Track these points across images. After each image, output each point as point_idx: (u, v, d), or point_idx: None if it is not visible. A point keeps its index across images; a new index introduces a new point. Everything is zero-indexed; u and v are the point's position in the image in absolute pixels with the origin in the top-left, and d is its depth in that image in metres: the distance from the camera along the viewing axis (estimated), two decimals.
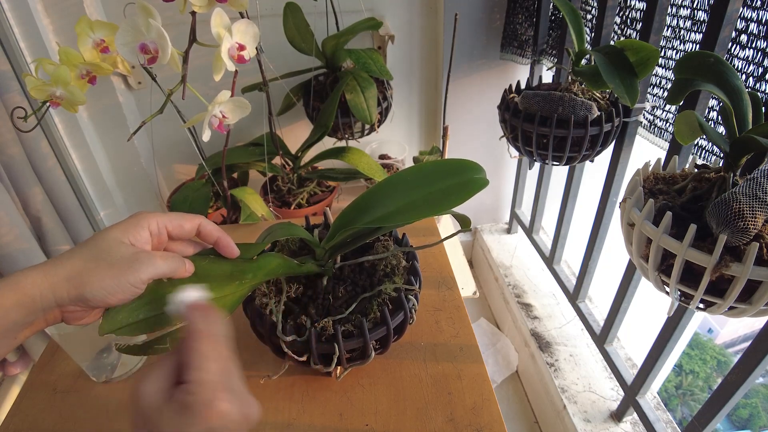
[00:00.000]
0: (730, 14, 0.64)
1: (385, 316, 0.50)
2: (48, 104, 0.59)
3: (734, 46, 0.66)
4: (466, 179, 0.50)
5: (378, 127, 1.21)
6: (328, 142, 1.23)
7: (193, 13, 0.53)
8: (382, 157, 1.47)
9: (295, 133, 1.42)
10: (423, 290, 0.70)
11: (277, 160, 1.21)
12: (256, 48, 0.60)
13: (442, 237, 0.81)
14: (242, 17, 0.61)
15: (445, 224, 1.42)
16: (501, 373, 1.39)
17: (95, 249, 0.38)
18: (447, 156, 1.31)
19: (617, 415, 1.05)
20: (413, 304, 0.54)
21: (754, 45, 0.63)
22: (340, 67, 1.19)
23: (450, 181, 0.51)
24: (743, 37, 0.65)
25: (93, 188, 1.34)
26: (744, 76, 0.65)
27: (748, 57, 0.64)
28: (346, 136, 1.22)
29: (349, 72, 1.14)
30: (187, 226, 0.43)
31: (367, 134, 1.24)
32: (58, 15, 1.11)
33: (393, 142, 1.51)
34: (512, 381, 1.39)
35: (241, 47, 0.54)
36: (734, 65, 0.66)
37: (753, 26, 0.63)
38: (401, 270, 0.57)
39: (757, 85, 0.63)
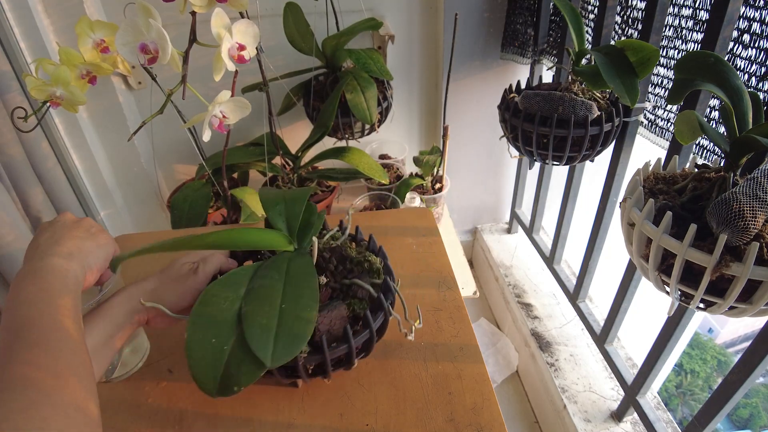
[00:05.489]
0: (730, 14, 0.64)
1: (367, 319, 0.50)
2: (48, 104, 0.59)
3: (737, 45, 0.66)
4: None
5: (378, 127, 1.21)
6: (328, 142, 1.23)
7: (193, 13, 0.53)
8: (383, 157, 1.47)
9: (295, 133, 1.42)
10: (423, 290, 0.70)
11: (278, 160, 1.21)
12: (256, 48, 0.60)
13: (442, 237, 0.82)
14: (242, 17, 0.61)
15: (446, 224, 1.42)
16: (501, 373, 1.39)
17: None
18: (447, 156, 1.31)
19: (617, 415, 1.05)
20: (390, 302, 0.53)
21: (756, 44, 0.63)
22: (340, 67, 1.19)
23: None
24: (746, 37, 0.64)
25: (93, 188, 1.34)
26: (747, 76, 0.65)
27: (750, 57, 0.64)
28: (346, 136, 1.22)
29: (349, 72, 1.14)
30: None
31: (367, 134, 1.24)
32: (58, 15, 1.11)
33: (393, 142, 1.51)
34: (512, 381, 1.39)
35: (241, 47, 0.54)
36: (736, 65, 0.66)
37: (756, 26, 0.63)
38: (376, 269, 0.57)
39: (760, 84, 0.63)
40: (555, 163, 0.94)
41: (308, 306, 0.45)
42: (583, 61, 0.88)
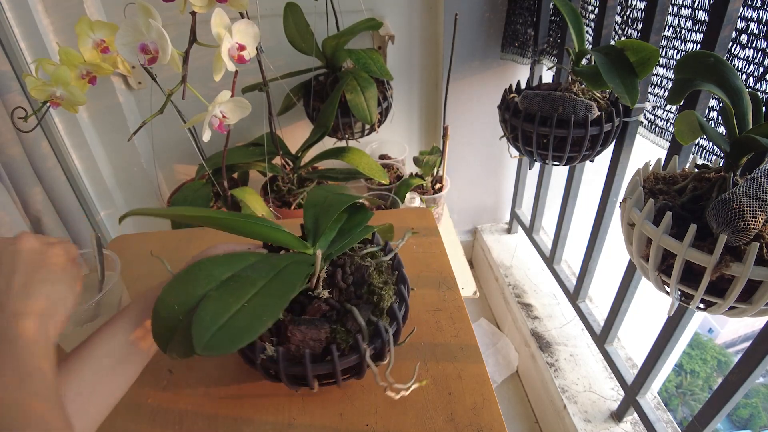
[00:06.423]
0: (730, 14, 0.64)
1: (358, 343, 0.48)
2: (48, 104, 0.59)
3: (734, 45, 0.66)
4: None
5: (378, 127, 1.21)
6: (328, 142, 1.23)
7: (194, 13, 0.53)
8: (383, 157, 1.47)
9: (295, 133, 1.42)
10: (423, 290, 0.70)
11: (278, 160, 1.21)
12: (256, 48, 0.60)
13: (442, 237, 0.82)
14: (242, 17, 0.61)
15: (446, 224, 1.42)
16: (501, 373, 1.39)
17: None
18: (447, 156, 1.31)
19: (617, 415, 1.05)
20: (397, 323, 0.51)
21: (754, 45, 0.63)
22: (340, 67, 1.19)
23: None
24: (743, 37, 0.65)
25: (93, 188, 1.34)
26: (744, 76, 0.65)
27: (748, 57, 0.64)
28: (346, 136, 1.22)
29: (349, 72, 1.14)
30: None
31: (367, 134, 1.24)
32: (58, 15, 1.11)
33: (393, 142, 1.51)
34: (512, 381, 1.39)
35: (242, 47, 0.54)
36: (734, 65, 0.66)
37: (753, 26, 0.63)
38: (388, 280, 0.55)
39: (758, 84, 0.63)
40: (555, 163, 0.94)
41: (266, 314, 0.43)
42: (583, 61, 0.88)
